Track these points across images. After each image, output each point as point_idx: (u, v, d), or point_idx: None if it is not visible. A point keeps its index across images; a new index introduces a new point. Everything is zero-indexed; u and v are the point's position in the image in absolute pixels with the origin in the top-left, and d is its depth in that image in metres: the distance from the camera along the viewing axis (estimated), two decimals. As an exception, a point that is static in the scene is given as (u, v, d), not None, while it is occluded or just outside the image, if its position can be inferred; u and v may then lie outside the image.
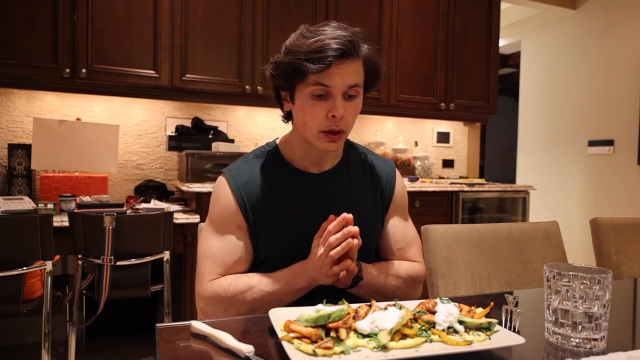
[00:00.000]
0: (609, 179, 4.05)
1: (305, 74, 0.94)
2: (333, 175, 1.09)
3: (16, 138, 2.66)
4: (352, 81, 0.96)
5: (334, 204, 1.05)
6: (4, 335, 2.58)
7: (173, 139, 2.95)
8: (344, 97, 0.97)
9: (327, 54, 0.92)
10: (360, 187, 1.11)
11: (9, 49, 2.32)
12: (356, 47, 0.96)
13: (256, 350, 0.66)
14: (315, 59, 0.92)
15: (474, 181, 3.38)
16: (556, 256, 1.47)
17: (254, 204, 1.03)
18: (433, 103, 3.39)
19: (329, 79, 0.94)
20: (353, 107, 1.00)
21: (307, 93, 0.96)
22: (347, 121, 0.99)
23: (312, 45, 0.93)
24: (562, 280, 0.72)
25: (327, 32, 0.95)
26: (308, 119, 0.98)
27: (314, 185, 1.06)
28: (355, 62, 0.97)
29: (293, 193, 1.05)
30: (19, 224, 1.84)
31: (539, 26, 4.74)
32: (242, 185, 1.04)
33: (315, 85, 0.95)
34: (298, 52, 0.94)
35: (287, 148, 1.09)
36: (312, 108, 0.97)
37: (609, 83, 4.04)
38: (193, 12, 2.68)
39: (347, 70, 0.95)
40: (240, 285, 0.97)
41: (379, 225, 1.12)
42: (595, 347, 0.70)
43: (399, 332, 0.68)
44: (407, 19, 3.28)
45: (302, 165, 1.08)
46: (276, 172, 1.07)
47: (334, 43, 0.92)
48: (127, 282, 2.03)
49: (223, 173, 1.08)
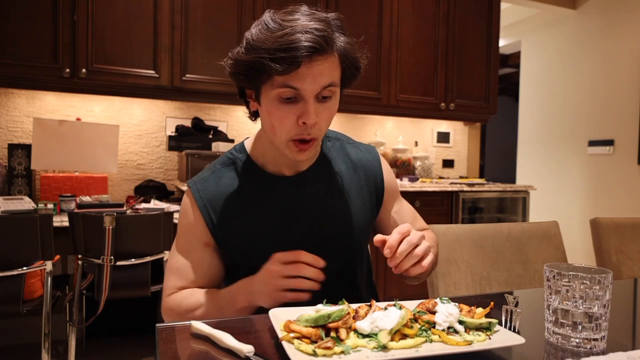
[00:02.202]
0: (609, 179, 4.05)
1: (270, 75, 0.81)
2: (310, 176, 0.99)
3: (16, 138, 2.66)
4: (326, 81, 0.83)
5: (313, 207, 0.97)
6: (4, 335, 2.58)
7: (173, 139, 2.95)
8: (317, 100, 0.84)
9: (296, 53, 0.77)
10: (342, 183, 1.01)
11: (9, 49, 2.32)
12: (330, 42, 0.81)
13: (256, 350, 0.66)
14: (280, 59, 0.78)
15: (474, 181, 3.38)
16: (556, 256, 1.47)
17: (222, 218, 0.95)
18: (433, 103, 3.39)
19: (298, 81, 0.81)
20: (327, 109, 0.87)
21: (274, 96, 0.83)
22: (320, 127, 0.87)
23: (277, 40, 0.78)
24: (562, 280, 0.72)
25: (296, 24, 0.80)
26: (276, 124, 0.86)
27: (288, 189, 0.97)
28: (330, 58, 0.83)
29: (266, 201, 0.96)
30: (19, 224, 1.84)
31: (539, 26, 4.74)
32: (208, 201, 0.95)
33: (282, 87, 0.81)
34: (261, 48, 0.80)
35: (258, 151, 0.99)
36: (280, 113, 0.84)
37: (609, 83, 4.04)
38: (193, 12, 2.68)
39: (319, 69, 0.81)
40: (191, 302, 0.92)
41: (368, 219, 1.04)
42: (595, 347, 0.70)
43: (399, 332, 0.68)
44: (407, 19, 3.28)
45: (275, 169, 0.98)
46: (245, 180, 0.97)
47: (303, 39, 0.78)
48: (127, 282, 2.03)
49: (189, 188, 0.99)
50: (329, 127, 0.98)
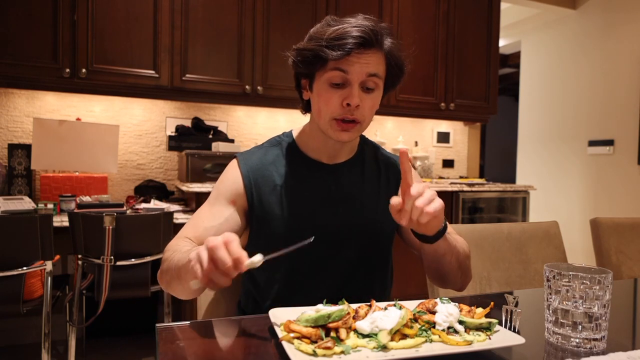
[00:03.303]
0: (609, 179, 4.05)
1: (325, 60, 0.93)
2: (346, 168, 1.08)
3: (16, 138, 2.66)
4: (372, 70, 0.95)
5: (343, 196, 1.05)
6: (4, 335, 2.58)
7: (173, 139, 2.95)
8: (362, 88, 0.96)
9: (347, 40, 0.91)
10: (373, 180, 1.10)
11: (9, 49, 2.32)
12: (378, 38, 0.94)
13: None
14: (335, 46, 0.91)
15: (474, 181, 3.38)
16: (556, 256, 1.47)
17: (260, 188, 1.02)
18: (433, 103, 3.39)
19: (347, 65, 0.93)
20: (371, 99, 0.98)
21: (325, 79, 0.95)
22: (363, 113, 0.97)
23: (333, 32, 0.92)
24: (562, 280, 0.72)
25: (351, 22, 0.94)
26: (323, 105, 0.97)
27: (325, 176, 1.06)
28: (377, 53, 0.96)
29: (302, 182, 1.04)
30: (19, 224, 1.84)
31: (539, 26, 4.74)
32: (251, 168, 1.03)
33: (333, 70, 0.94)
34: (320, 38, 0.93)
35: (303, 138, 1.09)
36: (328, 95, 0.96)
37: (609, 83, 4.04)
38: (193, 12, 2.68)
39: (367, 59, 0.94)
40: (178, 248, 0.90)
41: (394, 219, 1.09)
42: (595, 347, 0.70)
43: (399, 332, 0.68)
44: (407, 19, 3.28)
45: (316, 156, 1.07)
46: (287, 161, 1.06)
47: (355, 31, 0.92)
48: (127, 282, 2.03)
49: (236, 157, 1.08)
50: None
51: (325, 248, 1.02)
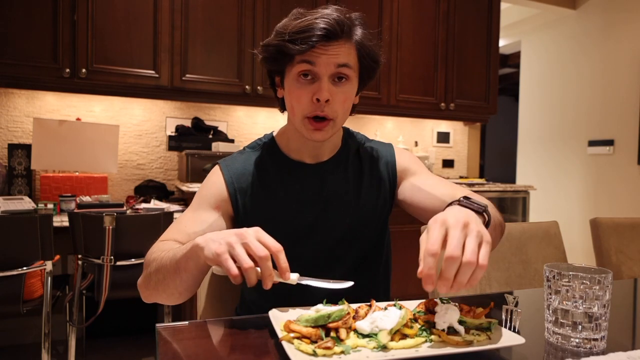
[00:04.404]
0: (609, 179, 4.05)
1: (291, 56, 0.90)
2: (330, 167, 1.05)
3: (16, 138, 2.66)
4: (341, 60, 0.91)
5: (329, 196, 1.02)
6: (4, 335, 2.58)
7: (173, 139, 2.95)
8: (332, 81, 0.92)
9: (311, 33, 0.87)
10: (360, 175, 1.07)
11: (9, 49, 2.32)
12: (344, 28, 0.90)
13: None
14: (298, 40, 0.88)
15: (474, 181, 3.38)
16: (556, 256, 1.47)
17: (245, 193, 1.00)
18: (433, 103, 3.39)
19: (314, 57, 0.90)
20: (342, 92, 0.93)
21: (294, 74, 0.92)
22: (334, 108, 0.93)
23: (296, 26, 0.89)
24: (562, 280, 0.72)
25: (318, 14, 0.90)
26: (295, 102, 0.94)
27: (309, 176, 1.03)
28: (346, 44, 0.92)
29: (286, 184, 1.02)
30: (19, 224, 1.84)
31: (539, 26, 4.74)
32: (234, 174, 1.01)
33: (300, 63, 0.90)
34: (283, 33, 0.90)
35: (284, 139, 1.06)
36: (298, 91, 0.92)
37: (609, 83, 4.04)
38: (193, 12, 2.68)
39: (334, 51, 0.90)
40: (167, 247, 0.88)
41: (385, 211, 1.08)
42: (595, 347, 0.70)
43: (399, 332, 0.68)
44: (407, 19, 3.28)
45: (298, 157, 1.04)
46: (270, 164, 1.04)
47: (320, 23, 0.88)
48: (127, 282, 2.02)
49: (218, 164, 1.06)
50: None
51: (317, 250, 1.01)
